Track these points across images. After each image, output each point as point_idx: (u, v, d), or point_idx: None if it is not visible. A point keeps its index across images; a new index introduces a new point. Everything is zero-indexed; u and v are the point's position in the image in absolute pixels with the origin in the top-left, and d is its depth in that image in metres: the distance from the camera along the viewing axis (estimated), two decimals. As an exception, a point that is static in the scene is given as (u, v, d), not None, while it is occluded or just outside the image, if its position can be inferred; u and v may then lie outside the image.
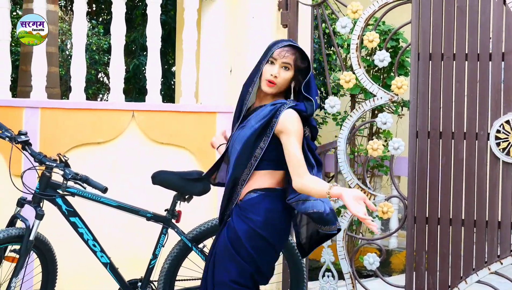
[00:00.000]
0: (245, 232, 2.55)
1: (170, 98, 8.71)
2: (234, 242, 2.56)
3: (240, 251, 2.55)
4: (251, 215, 2.57)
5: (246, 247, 2.54)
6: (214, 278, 2.60)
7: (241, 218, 2.57)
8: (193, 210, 3.53)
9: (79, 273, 4.05)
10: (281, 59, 2.60)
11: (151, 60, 4.27)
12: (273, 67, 2.61)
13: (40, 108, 4.10)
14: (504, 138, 3.54)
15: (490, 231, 3.59)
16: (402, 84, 3.75)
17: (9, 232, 3.07)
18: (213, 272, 2.62)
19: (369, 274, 5.36)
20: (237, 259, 2.55)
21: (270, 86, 2.61)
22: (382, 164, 5.71)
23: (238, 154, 2.60)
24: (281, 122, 2.55)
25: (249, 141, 2.58)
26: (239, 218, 2.58)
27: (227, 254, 2.57)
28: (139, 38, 9.75)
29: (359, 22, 3.82)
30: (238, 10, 4.43)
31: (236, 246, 2.56)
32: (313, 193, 2.49)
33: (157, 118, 4.22)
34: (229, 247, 2.57)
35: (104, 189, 3.09)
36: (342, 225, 3.87)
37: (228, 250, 2.57)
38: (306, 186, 2.49)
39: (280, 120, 2.55)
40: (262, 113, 2.60)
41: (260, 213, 2.57)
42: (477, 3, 3.59)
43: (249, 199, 2.60)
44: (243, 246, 2.55)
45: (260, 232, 2.55)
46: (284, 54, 2.60)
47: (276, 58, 2.60)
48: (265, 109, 2.62)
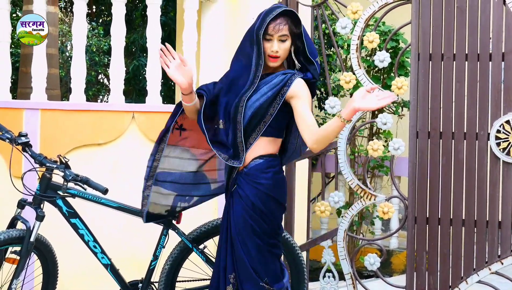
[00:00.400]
0: (257, 197, 2.70)
1: (171, 99, 8.71)
2: (251, 210, 2.70)
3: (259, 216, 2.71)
4: (260, 179, 2.72)
5: (262, 210, 2.71)
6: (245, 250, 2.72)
7: (251, 184, 2.71)
8: (194, 211, 3.53)
9: (79, 275, 4.05)
10: (276, 33, 2.70)
11: (151, 61, 4.27)
12: (272, 43, 2.72)
13: (40, 109, 4.10)
14: (504, 138, 3.54)
15: (491, 231, 3.59)
16: (402, 84, 3.75)
17: (9, 234, 3.07)
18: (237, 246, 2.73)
19: (370, 274, 5.37)
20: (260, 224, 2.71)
21: (274, 61, 2.74)
22: (382, 165, 5.71)
23: (249, 119, 2.71)
24: (292, 89, 2.69)
25: (262, 107, 2.70)
26: (249, 184, 2.72)
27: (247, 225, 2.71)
28: (139, 39, 9.75)
29: (359, 22, 3.82)
30: (238, 11, 4.43)
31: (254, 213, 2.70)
32: (331, 134, 2.60)
33: (158, 119, 4.21)
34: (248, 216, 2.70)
35: (105, 190, 3.09)
36: (343, 226, 3.87)
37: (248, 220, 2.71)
38: (321, 136, 2.62)
39: (291, 88, 2.69)
40: (274, 81, 2.73)
41: (268, 177, 2.73)
42: (477, 3, 3.59)
43: (256, 164, 2.73)
44: (259, 210, 2.71)
45: (271, 194, 2.73)
46: (279, 28, 2.70)
47: (272, 34, 2.71)
48: (276, 77, 2.74)
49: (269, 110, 2.71)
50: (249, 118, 2.71)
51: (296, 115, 2.71)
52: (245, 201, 2.72)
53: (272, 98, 2.70)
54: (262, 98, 2.71)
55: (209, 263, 3.35)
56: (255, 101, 2.71)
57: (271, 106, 2.71)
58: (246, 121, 2.71)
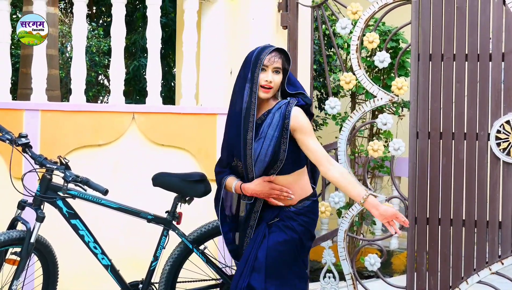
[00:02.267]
0: (304, 233, 2.89)
1: (171, 100, 8.71)
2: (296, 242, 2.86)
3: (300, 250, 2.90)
4: (307, 219, 2.90)
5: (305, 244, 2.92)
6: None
7: (299, 222, 2.88)
8: (194, 212, 3.53)
9: (80, 275, 4.05)
10: (272, 65, 2.81)
11: (151, 62, 4.27)
12: (266, 74, 2.81)
13: (40, 110, 4.10)
14: (505, 138, 3.54)
15: (491, 231, 3.59)
16: (402, 84, 3.75)
17: (10, 235, 3.07)
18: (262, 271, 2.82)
19: (370, 275, 5.37)
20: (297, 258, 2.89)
21: (267, 92, 2.82)
22: (382, 165, 5.71)
23: (267, 164, 2.82)
24: (293, 121, 2.79)
25: (275, 151, 2.80)
26: (296, 221, 2.87)
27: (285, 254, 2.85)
28: (139, 40, 9.75)
29: (359, 23, 3.82)
30: (238, 11, 4.43)
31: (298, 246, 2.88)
32: (348, 190, 2.81)
33: (158, 120, 4.22)
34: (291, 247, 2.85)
35: (105, 191, 3.09)
36: (343, 226, 3.87)
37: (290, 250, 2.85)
38: (344, 177, 2.81)
39: (292, 119, 2.79)
40: (274, 120, 2.82)
41: (313, 217, 2.94)
42: (477, 4, 3.59)
43: (305, 205, 2.91)
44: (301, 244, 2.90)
45: (311, 231, 2.95)
46: (274, 60, 2.81)
47: (267, 64, 2.81)
48: (274, 115, 2.82)
49: (281, 148, 2.81)
50: (268, 163, 2.82)
51: (304, 148, 2.84)
52: (291, 236, 2.85)
53: (279, 137, 2.80)
54: (272, 142, 2.81)
55: (210, 263, 3.35)
56: (268, 148, 2.81)
57: (282, 144, 2.81)
58: (265, 166, 2.83)
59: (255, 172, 2.85)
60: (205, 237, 3.36)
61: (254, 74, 2.79)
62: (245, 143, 2.82)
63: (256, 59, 2.81)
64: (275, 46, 2.88)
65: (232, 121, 2.90)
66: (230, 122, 2.93)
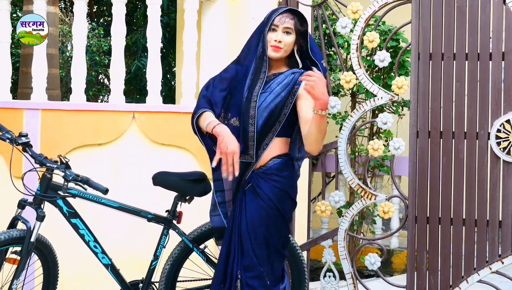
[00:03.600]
0: (276, 195, 2.79)
1: (172, 99, 8.70)
2: (269, 207, 2.78)
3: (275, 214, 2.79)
4: (278, 178, 2.81)
5: (278, 207, 2.79)
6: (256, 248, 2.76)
7: (269, 182, 2.79)
8: (194, 211, 3.54)
9: (80, 275, 4.05)
10: (282, 24, 2.80)
11: (152, 61, 4.27)
12: (276, 33, 2.81)
13: (40, 109, 4.10)
14: (505, 138, 3.54)
15: (491, 231, 3.59)
16: (403, 84, 3.75)
17: (10, 234, 3.07)
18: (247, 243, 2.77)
19: (371, 274, 5.37)
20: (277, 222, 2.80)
21: (276, 51, 2.80)
22: (383, 164, 5.71)
23: (265, 119, 2.77)
24: (302, 88, 2.75)
25: (277, 107, 2.78)
26: (267, 182, 2.79)
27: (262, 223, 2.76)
28: (140, 40, 9.74)
29: (359, 22, 3.82)
30: (238, 11, 4.44)
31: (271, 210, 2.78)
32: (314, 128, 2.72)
33: (158, 119, 4.22)
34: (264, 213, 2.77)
35: (105, 190, 3.09)
36: (343, 225, 3.87)
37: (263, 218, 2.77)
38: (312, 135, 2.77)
39: (301, 87, 2.76)
40: (286, 81, 2.82)
41: (285, 175, 2.83)
42: (477, 3, 3.59)
43: (274, 163, 2.83)
44: (275, 207, 2.78)
45: (288, 191, 2.83)
46: (285, 20, 2.80)
47: (277, 24, 2.80)
48: (287, 77, 2.83)
49: (283, 109, 2.80)
50: (266, 119, 2.79)
51: (300, 118, 2.80)
52: (262, 198, 2.78)
53: (285, 98, 2.80)
54: (277, 98, 2.79)
55: (210, 263, 3.35)
56: (270, 102, 2.78)
57: (285, 106, 2.80)
58: (262, 121, 2.78)
59: (257, 127, 2.78)
60: (205, 236, 3.36)
61: (264, 33, 2.79)
62: (250, 95, 2.79)
63: (267, 19, 2.82)
64: (287, 7, 2.88)
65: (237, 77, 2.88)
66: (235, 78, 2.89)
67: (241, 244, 2.81)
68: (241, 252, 2.81)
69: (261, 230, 2.78)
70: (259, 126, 2.79)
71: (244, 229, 2.79)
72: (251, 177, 2.84)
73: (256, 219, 2.78)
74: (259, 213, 2.78)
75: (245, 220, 2.79)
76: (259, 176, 2.82)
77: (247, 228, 2.78)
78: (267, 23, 2.81)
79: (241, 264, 2.79)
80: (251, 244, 2.77)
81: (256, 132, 2.80)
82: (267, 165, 2.82)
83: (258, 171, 2.83)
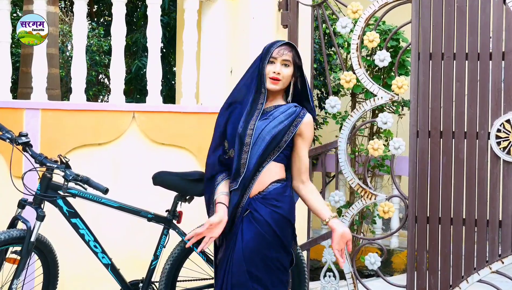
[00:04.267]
0: (275, 220, 2.77)
1: (172, 99, 8.70)
2: (267, 234, 2.75)
3: (273, 240, 2.76)
4: (278, 203, 2.79)
5: (277, 234, 2.76)
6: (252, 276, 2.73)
7: (268, 207, 2.77)
8: (194, 210, 3.53)
9: (80, 274, 4.05)
10: (280, 57, 2.81)
11: (152, 61, 4.27)
12: (275, 65, 2.82)
13: (40, 109, 4.10)
14: (505, 137, 3.54)
15: (491, 230, 3.59)
16: (403, 83, 3.75)
17: (10, 234, 3.07)
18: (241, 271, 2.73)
19: (371, 274, 5.37)
20: (274, 247, 2.77)
21: (275, 83, 2.82)
22: (383, 164, 5.71)
23: (267, 144, 2.79)
24: (304, 124, 2.84)
25: (279, 134, 2.80)
26: (266, 207, 2.77)
27: (260, 251, 2.74)
28: (140, 39, 9.73)
29: (359, 22, 3.82)
30: (238, 10, 4.43)
31: (269, 237, 2.75)
32: (318, 203, 2.90)
33: (158, 119, 4.22)
34: (263, 241, 2.74)
35: (105, 190, 3.09)
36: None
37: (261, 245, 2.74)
38: (317, 193, 2.92)
39: (304, 122, 2.84)
40: (289, 111, 2.84)
41: (285, 200, 2.82)
42: (477, 3, 3.59)
43: (274, 188, 2.81)
44: (275, 234, 2.76)
45: (288, 217, 2.82)
46: (283, 52, 2.82)
47: (276, 57, 2.82)
48: (290, 108, 2.85)
49: (284, 137, 2.81)
50: (268, 143, 2.79)
51: (295, 153, 2.87)
52: (261, 224, 2.76)
53: (288, 126, 2.82)
54: (280, 125, 2.81)
55: (210, 262, 3.35)
56: (273, 128, 2.81)
57: (286, 134, 2.82)
58: (265, 145, 2.80)
59: (250, 155, 2.79)
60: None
61: (263, 65, 2.81)
62: (247, 125, 2.81)
63: (266, 52, 2.84)
64: (285, 41, 2.92)
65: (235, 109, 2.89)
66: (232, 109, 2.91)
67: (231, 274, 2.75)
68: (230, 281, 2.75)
69: (259, 260, 2.74)
70: (261, 149, 2.80)
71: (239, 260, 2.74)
72: (249, 203, 2.80)
73: (253, 248, 2.74)
74: (257, 241, 2.74)
75: (240, 249, 2.74)
76: (259, 201, 2.79)
77: (243, 258, 2.73)
78: (266, 55, 2.83)
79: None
80: (246, 274, 2.73)
81: (248, 158, 2.80)
82: (267, 190, 2.81)
83: (257, 196, 2.80)
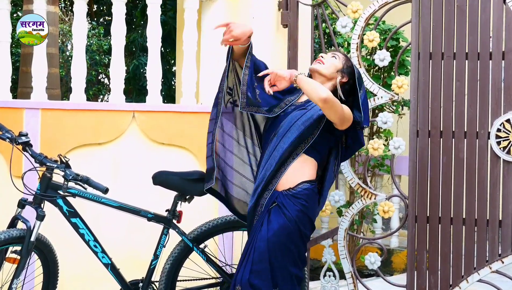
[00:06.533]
0: (300, 218, 2.82)
1: (172, 99, 8.70)
2: (293, 228, 2.81)
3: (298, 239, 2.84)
4: (307, 203, 2.85)
5: (300, 228, 2.83)
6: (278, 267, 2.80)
7: (297, 206, 2.83)
8: (194, 210, 3.54)
9: (80, 274, 4.05)
10: (330, 52, 3.04)
11: (152, 60, 4.27)
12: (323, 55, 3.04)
13: (40, 109, 4.10)
14: (505, 137, 3.54)
15: (491, 230, 3.59)
16: (403, 83, 3.75)
17: (10, 233, 3.07)
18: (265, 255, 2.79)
19: (371, 273, 5.36)
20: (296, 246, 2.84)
21: (317, 63, 2.98)
22: (383, 163, 5.70)
23: (300, 133, 2.86)
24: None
25: (314, 123, 2.88)
26: (295, 205, 2.82)
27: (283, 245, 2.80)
28: (138, 39, 9.74)
29: (359, 21, 3.82)
30: (238, 10, 4.43)
31: (294, 234, 2.82)
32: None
33: (158, 119, 4.22)
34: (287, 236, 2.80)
35: (105, 190, 3.09)
36: (343, 225, 3.87)
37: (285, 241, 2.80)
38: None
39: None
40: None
41: (312, 203, 2.89)
42: (477, 2, 3.59)
43: (305, 189, 2.86)
44: (299, 232, 2.83)
45: (311, 217, 2.90)
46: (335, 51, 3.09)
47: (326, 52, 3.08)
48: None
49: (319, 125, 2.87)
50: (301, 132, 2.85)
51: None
52: (289, 221, 2.81)
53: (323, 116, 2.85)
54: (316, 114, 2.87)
55: (210, 262, 3.35)
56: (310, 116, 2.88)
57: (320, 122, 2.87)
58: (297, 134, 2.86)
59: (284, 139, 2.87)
60: (205, 236, 3.36)
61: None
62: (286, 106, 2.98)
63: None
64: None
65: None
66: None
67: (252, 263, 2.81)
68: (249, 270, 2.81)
69: (281, 253, 2.81)
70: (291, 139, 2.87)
71: (263, 248, 2.80)
72: (276, 196, 2.86)
73: (277, 241, 2.80)
74: (282, 234, 2.81)
75: (265, 239, 2.80)
76: (288, 197, 2.84)
77: (267, 248, 2.79)
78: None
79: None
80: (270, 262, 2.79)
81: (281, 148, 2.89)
82: (297, 189, 2.85)
83: (286, 192, 2.85)
